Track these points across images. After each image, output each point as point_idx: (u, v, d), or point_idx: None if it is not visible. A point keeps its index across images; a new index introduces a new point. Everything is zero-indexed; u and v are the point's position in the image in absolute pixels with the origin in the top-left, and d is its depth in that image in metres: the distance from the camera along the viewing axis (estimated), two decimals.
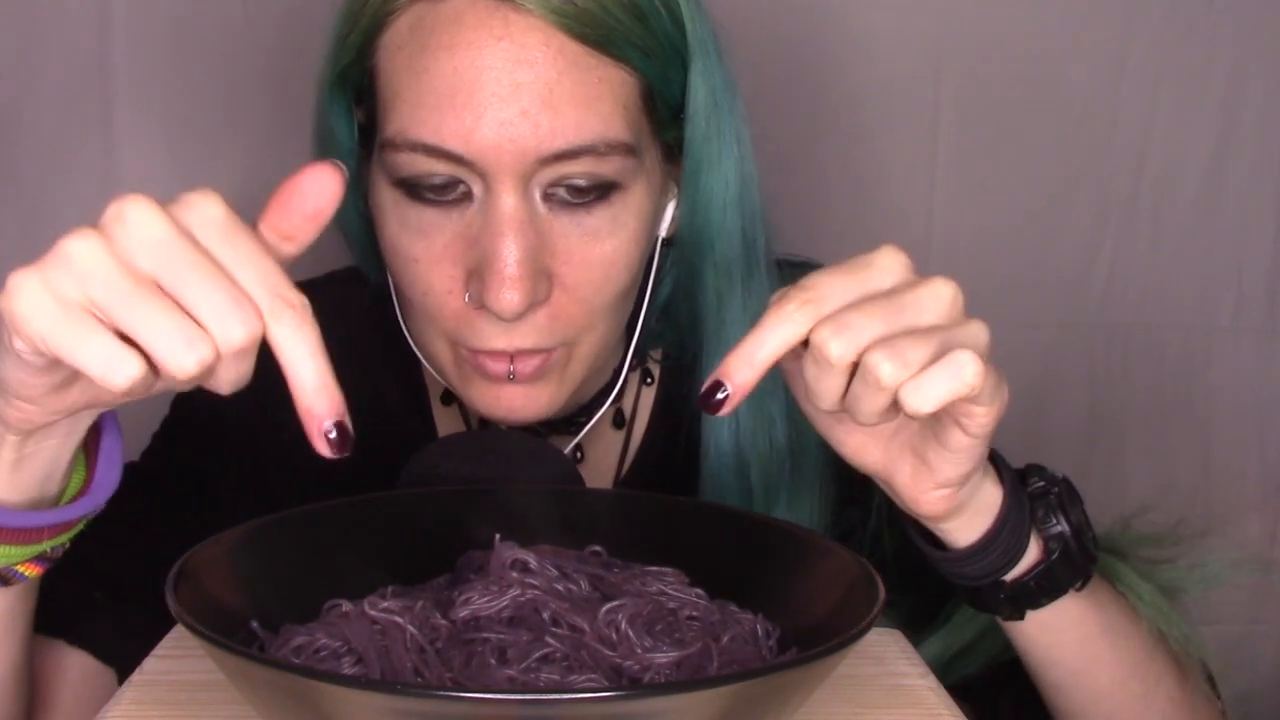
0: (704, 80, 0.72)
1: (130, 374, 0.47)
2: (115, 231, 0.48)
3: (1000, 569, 0.65)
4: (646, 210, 0.72)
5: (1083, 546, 0.67)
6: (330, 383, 0.53)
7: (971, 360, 0.54)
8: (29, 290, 0.47)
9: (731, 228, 0.75)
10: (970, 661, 0.78)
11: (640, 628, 0.54)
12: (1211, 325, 1.32)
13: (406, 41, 0.68)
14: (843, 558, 0.58)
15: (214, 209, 0.50)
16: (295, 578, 0.59)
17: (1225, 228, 1.30)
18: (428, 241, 0.70)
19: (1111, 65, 1.26)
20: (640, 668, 0.52)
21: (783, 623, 0.58)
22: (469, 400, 0.75)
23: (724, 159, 0.74)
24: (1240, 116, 1.28)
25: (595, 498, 0.69)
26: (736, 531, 0.63)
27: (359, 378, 0.86)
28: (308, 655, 0.52)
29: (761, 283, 0.77)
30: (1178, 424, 1.32)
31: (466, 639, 0.53)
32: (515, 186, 0.67)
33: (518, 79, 0.65)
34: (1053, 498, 0.67)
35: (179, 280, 0.48)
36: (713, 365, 0.77)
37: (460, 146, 0.66)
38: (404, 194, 0.69)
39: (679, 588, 0.60)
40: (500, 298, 0.67)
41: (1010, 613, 0.67)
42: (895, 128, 1.26)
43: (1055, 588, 0.67)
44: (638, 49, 0.68)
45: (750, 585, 0.60)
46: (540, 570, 0.58)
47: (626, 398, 0.85)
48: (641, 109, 0.70)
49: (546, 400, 0.73)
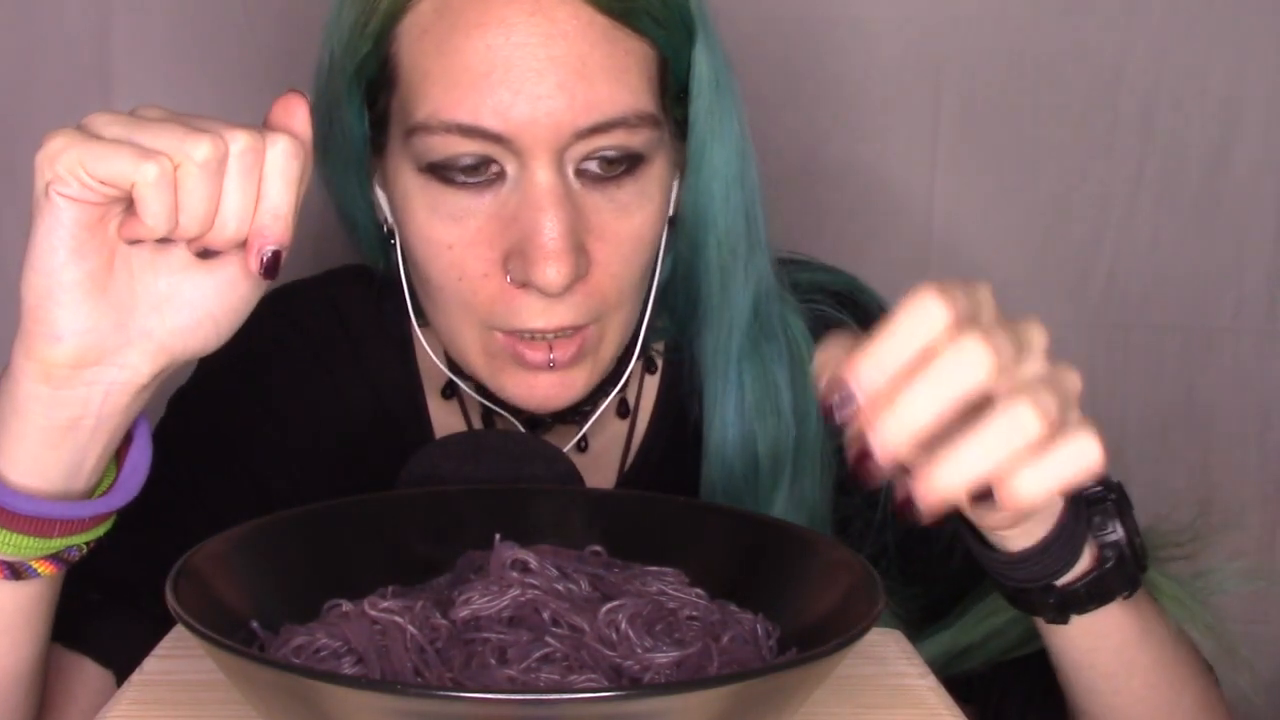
0: (707, 55, 0.73)
1: (154, 170, 0.54)
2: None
3: (1053, 574, 0.63)
4: (667, 184, 0.73)
5: (1135, 555, 0.65)
6: (290, 216, 0.57)
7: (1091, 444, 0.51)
8: (61, 137, 0.56)
9: (734, 204, 0.76)
10: (973, 659, 0.78)
11: (640, 627, 0.54)
12: (1211, 325, 1.32)
13: (433, 24, 0.68)
14: (843, 556, 0.58)
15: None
16: (295, 577, 0.59)
17: (1225, 228, 1.30)
18: (461, 227, 0.70)
19: (1111, 65, 1.26)
20: (640, 668, 0.52)
21: (783, 623, 0.58)
22: (501, 390, 0.75)
23: (726, 135, 0.74)
24: (1240, 116, 1.28)
25: (595, 497, 0.69)
26: (736, 531, 0.63)
27: (356, 375, 0.86)
28: (308, 655, 0.52)
29: (762, 260, 0.78)
30: (1178, 424, 1.32)
31: (466, 639, 0.53)
32: (551, 162, 0.67)
33: (552, 53, 0.66)
34: (1110, 504, 0.64)
35: (185, 119, 0.57)
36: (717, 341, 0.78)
37: (498, 124, 0.66)
38: (434, 179, 0.69)
39: (679, 587, 0.60)
40: (545, 273, 0.67)
41: (1054, 617, 0.65)
42: (895, 127, 1.26)
43: (1105, 594, 0.64)
44: (656, 22, 0.69)
45: (750, 585, 0.60)
46: (540, 570, 0.58)
47: (630, 387, 0.85)
48: (659, 83, 0.71)
49: (581, 386, 0.74)
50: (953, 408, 0.49)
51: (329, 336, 0.86)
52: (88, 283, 0.57)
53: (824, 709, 0.58)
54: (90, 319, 0.57)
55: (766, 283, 0.78)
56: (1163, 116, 1.27)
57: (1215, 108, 1.27)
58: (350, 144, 0.75)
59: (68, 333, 0.57)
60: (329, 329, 0.86)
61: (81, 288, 0.57)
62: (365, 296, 0.85)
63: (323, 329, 0.86)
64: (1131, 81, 1.26)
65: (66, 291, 0.57)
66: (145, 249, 0.59)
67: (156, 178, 0.54)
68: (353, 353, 0.86)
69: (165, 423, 0.85)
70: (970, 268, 1.28)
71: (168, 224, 0.55)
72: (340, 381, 0.85)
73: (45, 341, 0.57)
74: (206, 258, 0.60)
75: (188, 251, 0.59)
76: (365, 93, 0.73)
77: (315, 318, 0.86)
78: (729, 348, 0.77)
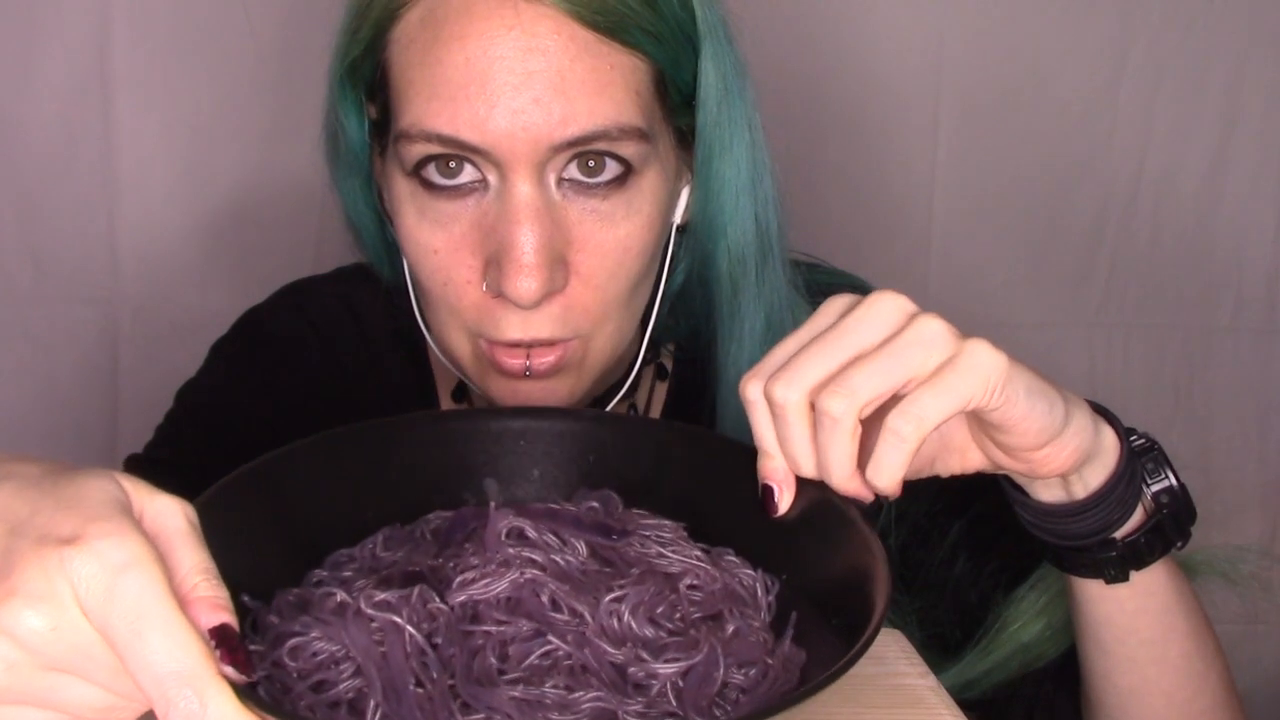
0: (714, 66, 0.72)
1: None
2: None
3: (1115, 523, 0.64)
4: (660, 196, 0.72)
5: (1187, 501, 0.66)
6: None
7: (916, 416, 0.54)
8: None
9: (744, 214, 0.75)
10: (973, 690, 0.78)
11: (642, 617, 0.54)
12: (1211, 325, 1.32)
13: (418, 34, 0.68)
14: (845, 512, 0.56)
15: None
16: (282, 530, 0.57)
17: (1225, 228, 1.30)
18: (446, 232, 0.70)
19: (1111, 65, 1.26)
20: (646, 675, 0.51)
21: (781, 577, 0.57)
22: (489, 395, 0.75)
23: (735, 145, 0.74)
24: (1240, 116, 1.28)
25: (595, 421, 0.67)
26: (737, 470, 0.61)
27: (368, 372, 0.86)
28: (305, 659, 0.52)
29: (776, 270, 0.77)
30: (1177, 424, 1.32)
31: (465, 630, 0.53)
32: (530, 174, 0.67)
33: (530, 67, 0.66)
34: (1158, 452, 0.66)
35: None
36: (728, 354, 0.77)
37: (475, 137, 0.66)
38: (420, 184, 0.70)
39: (678, 546, 0.59)
40: (517, 285, 0.67)
41: (1115, 575, 0.66)
42: (895, 128, 1.26)
43: (1164, 544, 0.66)
44: (649, 35, 0.69)
45: (748, 530, 0.59)
46: (538, 540, 0.57)
47: (640, 391, 0.85)
48: (654, 95, 0.70)
49: (564, 395, 0.73)
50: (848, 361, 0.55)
51: (342, 333, 0.86)
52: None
53: (824, 709, 0.57)
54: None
55: (780, 294, 0.78)
56: (1163, 116, 1.27)
57: (1215, 108, 1.27)
58: (350, 145, 0.75)
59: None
60: (342, 326, 0.86)
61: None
62: (376, 295, 0.85)
63: (335, 325, 0.86)
64: (1131, 81, 1.26)
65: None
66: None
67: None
68: (365, 350, 0.86)
69: (171, 414, 0.85)
70: (970, 268, 1.29)
71: None
72: (352, 378, 0.85)
73: None
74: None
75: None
76: (365, 95, 0.73)
77: (327, 314, 0.86)
78: (739, 361, 0.77)
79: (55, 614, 0.42)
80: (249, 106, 1.20)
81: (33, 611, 0.42)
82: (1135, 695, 0.71)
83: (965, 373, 0.54)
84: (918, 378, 0.54)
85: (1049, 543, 0.67)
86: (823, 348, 0.55)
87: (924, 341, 0.55)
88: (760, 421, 0.57)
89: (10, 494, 0.44)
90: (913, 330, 0.55)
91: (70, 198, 1.19)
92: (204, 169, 1.21)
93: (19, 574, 0.42)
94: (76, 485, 0.44)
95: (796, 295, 0.79)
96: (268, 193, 1.22)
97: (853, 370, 0.54)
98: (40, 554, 0.42)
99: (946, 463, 0.64)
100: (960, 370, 0.54)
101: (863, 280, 0.88)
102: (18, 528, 0.43)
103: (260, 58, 1.19)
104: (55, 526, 0.43)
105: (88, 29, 1.17)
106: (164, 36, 1.18)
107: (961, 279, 1.28)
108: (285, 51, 1.18)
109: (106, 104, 1.18)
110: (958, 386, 0.54)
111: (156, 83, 1.19)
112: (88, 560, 0.42)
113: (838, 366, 0.55)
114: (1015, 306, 1.29)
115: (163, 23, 1.18)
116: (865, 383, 0.54)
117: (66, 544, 0.42)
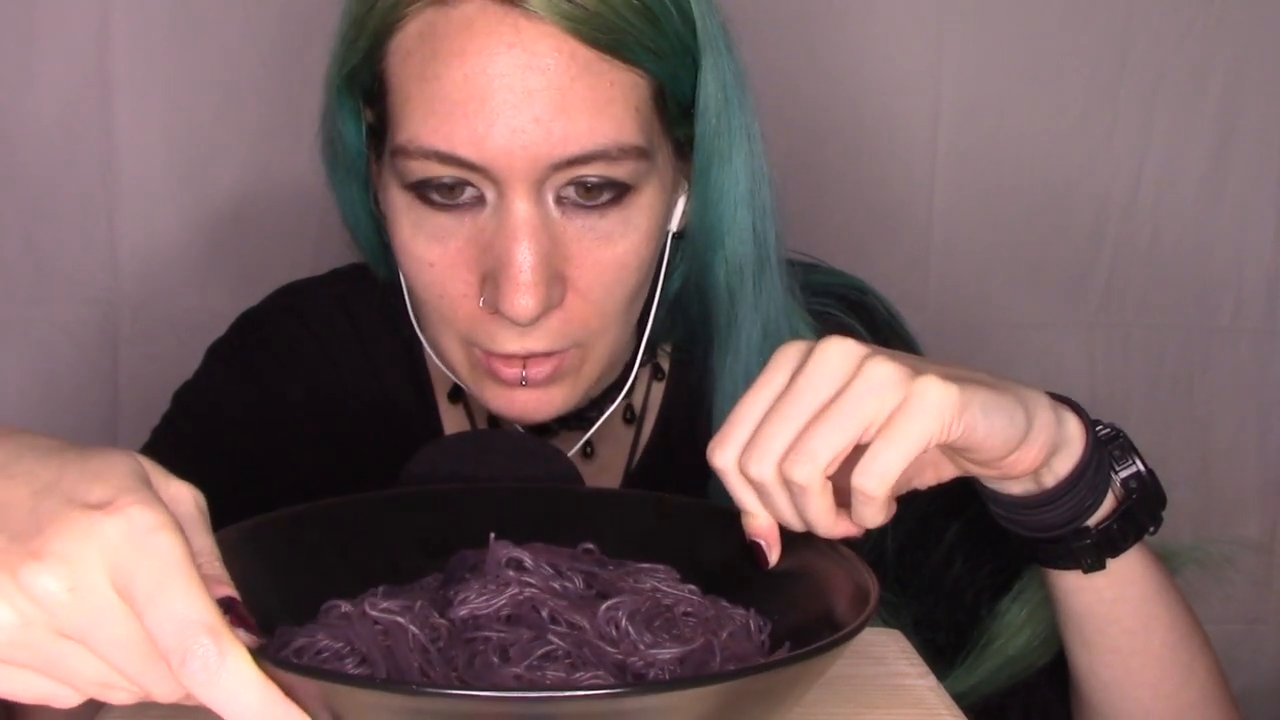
0: (714, 77, 0.72)
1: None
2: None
3: (1087, 511, 0.65)
4: (658, 209, 0.72)
5: (1156, 486, 0.67)
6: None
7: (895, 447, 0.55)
8: None
9: (742, 224, 0.75)
10: (962, 702, 0.78)
11: (640, 624, 0.54)
12: (1211, 325, 1.32)
13: (416, 47, 0.67)
14: (834, 553, 0.58)
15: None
16: (288, 578, 0.58)
17: (1225, 228, 1.30)
18: (442, 246, 0.70)
19: (1111, 65, 1.26)
20: (644, 664, 0.52)
21: (773, 618, 0.58)
22: (484, 400, 0.75)
23: (734, 155, 0.74)
24: (1240, 116, 1.28)
25: (584, 497, 0.69)
26: (725, 527, 0.63)
27: (365, 375, 0.86)
28: (310, 657, 0.52)
29: (773, 279, 0.77)
30: (1177, 424, 1.32)
31: (467, 638, 0.53)
32: (528, 192, 0.67)
33: (529, 85, 0.65)
34: (1123, 440, 0.67)
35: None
36: (724, 365, 0.77)
37: (472, 154, 0.66)
38: (416, 198, 0.69)
39: (671, 584, 0.60)
40: (515, 304, 0.67)
41: (1092, 563, 0.67)
42: (895, 128, 1.26)
43: (1137, 530, 0.67)
44: (649, 51, 0.68)
45: (739, 581, 0.60)
46: (536, 569, 0.58)
47: (637, 393, 0.85)
48: (653, 109, 0.70)
49: (560, 401, 0.73)
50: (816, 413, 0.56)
51: (338, 335, 0.86)
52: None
53: (824, 709, 0.58)
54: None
55: (777, 304, 0.77)
56: (1162, 117, 1.27)
57: (1215, 108, 1.28)
58: (347, 150, 0.75)
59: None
60: (338, 328, 0.86)
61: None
62: (373, 297, 0.85)
63: (332, 327, 0.86)
64: (1131, 81, 1.26)
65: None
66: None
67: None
68: (362, 353, 0.86)
69: (167, 418, 0.85)
70: (970, 268, 1.29)
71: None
72: (348, 380, 0.85)
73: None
74: None
75: None
76: (363, 102, 0.73)
77: (324, 316, 0.86)
78: (735, 371, 0.77)
79: (77, 576, 0.43)
80: (249, 107, 1.20)
81: (56, 572, 0.43)
82: (1120, 688, 0.71)
83: (918, 415, 0.55)
84: (875, 422, 0.56)
85: (1025, 536, 0.68)
86: (782, 414, 0.57)
87: (875, 389, 0.56)
88: (737, 486, 0.59)
89: (34, 460, 0.46)
90: (861, 380, 0.56)
91: (70, 198, 1.19)
92: (204, 169, 1.21)
93: (47, 534, 0.43)
94: (102, 458, 0.46)
95: (793, 302, 0.79)
96: (268, 193, 1.22)
97: (810, 433, 0.56)
98: (70, 516, 0.43)
99: (923, 478, 0.65)
100: (912, 414, 0.56)
101: (861, 281, 0.88)
102: (43, 490, 0.45)
103: (260, 58, 1.19)
104: (85, 493, 0.44)
105: (88, 29, 1.17)
106: (164, 37, 1.18)
107: (961, 279, 1.28)
108: (285, 52, 1.18)
109: (106, 104, 1.18)
110: (912, 432, 0.55)
111: (156, 83, 1.19)
112: (120, 525, 0.43)
113: (797, 433, 0.56)
114: (1015, 306, 1.29)
115: (163, 23, 1.18)
116: (823, 444, 0.55)
117: (97, 509, 0.43)
